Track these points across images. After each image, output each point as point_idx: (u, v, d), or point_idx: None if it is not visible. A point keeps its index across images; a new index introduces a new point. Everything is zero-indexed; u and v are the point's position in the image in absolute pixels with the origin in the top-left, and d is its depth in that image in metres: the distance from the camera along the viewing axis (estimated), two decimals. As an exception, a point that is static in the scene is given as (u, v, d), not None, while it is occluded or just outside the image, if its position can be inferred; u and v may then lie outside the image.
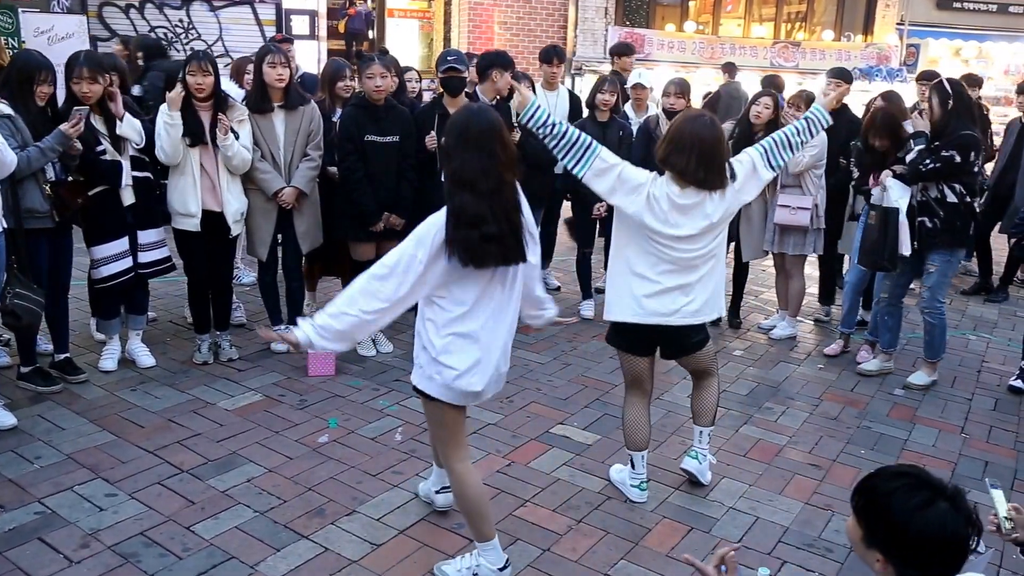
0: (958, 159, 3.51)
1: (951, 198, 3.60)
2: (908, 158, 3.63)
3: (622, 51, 6.08)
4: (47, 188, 3.15)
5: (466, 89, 4.02)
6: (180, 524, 2.47)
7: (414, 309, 2.17)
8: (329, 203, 3.89)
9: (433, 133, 3.76)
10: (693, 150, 2.37)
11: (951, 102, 3.55)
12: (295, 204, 3.70)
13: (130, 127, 3.38)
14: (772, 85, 5.91)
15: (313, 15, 8.58)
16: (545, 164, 4.34)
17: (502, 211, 2.01)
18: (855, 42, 10.93)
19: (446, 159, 2.06)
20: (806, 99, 4.22)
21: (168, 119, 3.34)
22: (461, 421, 2.25)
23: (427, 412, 2.27)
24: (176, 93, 3.33)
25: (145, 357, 3.68)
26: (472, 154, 2.00)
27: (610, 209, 4.41)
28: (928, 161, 3.55)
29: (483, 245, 1.98)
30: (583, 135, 2.47)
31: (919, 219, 3.66)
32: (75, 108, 3.11)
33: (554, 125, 2.46)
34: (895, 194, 3.67)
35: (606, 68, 9.34)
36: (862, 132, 3.96)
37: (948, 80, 3.67)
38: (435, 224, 2.01)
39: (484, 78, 4.16)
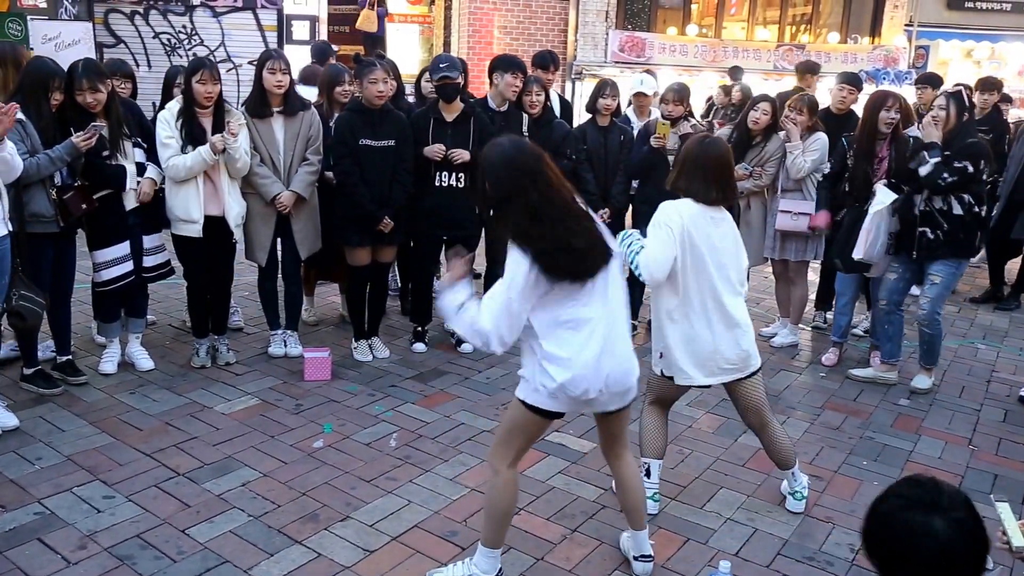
0: (971, 170, 3.48)
1: (957, 210, 3.55)
2: (923, 171, 3.50)
3: (809, 69, 5.87)
4: (53, 193, 3.18)
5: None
6: (175, 527, 2.48)
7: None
8: (328, 208, 3.89)
9: (442, 146, 3.74)
10: (698, 171, 2.47)
11: (966, 114, 3.55)
12: (293, 209, 3.71)
13: (159, 177, 3.53)
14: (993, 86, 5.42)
15: (314, 21, 8.64)
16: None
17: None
18: (862, 44, 10.83)
19: (518, 197, 1.96)
20: (808, 103, 4.18)
21: (209, 159, 3.40)
22: (541, 433, 2.26)
23: (517, 416, 2.16)
24: (219, 138, 3.38)
25: (144, 360, 3.69)
26: (552, 189, 1.99)
27: (613, 216, 4.46)
28: (946, 174, 3.48)
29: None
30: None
31: (920, 229, 3.59)
32: (92, 124, 3.16)
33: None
34: (878, 198, 3.64)
35: (606, 72, 9.36)
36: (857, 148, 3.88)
37: (965, 88, 3.66)
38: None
39: (491, 84, 4.16)
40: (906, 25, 11.00)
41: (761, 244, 4.34)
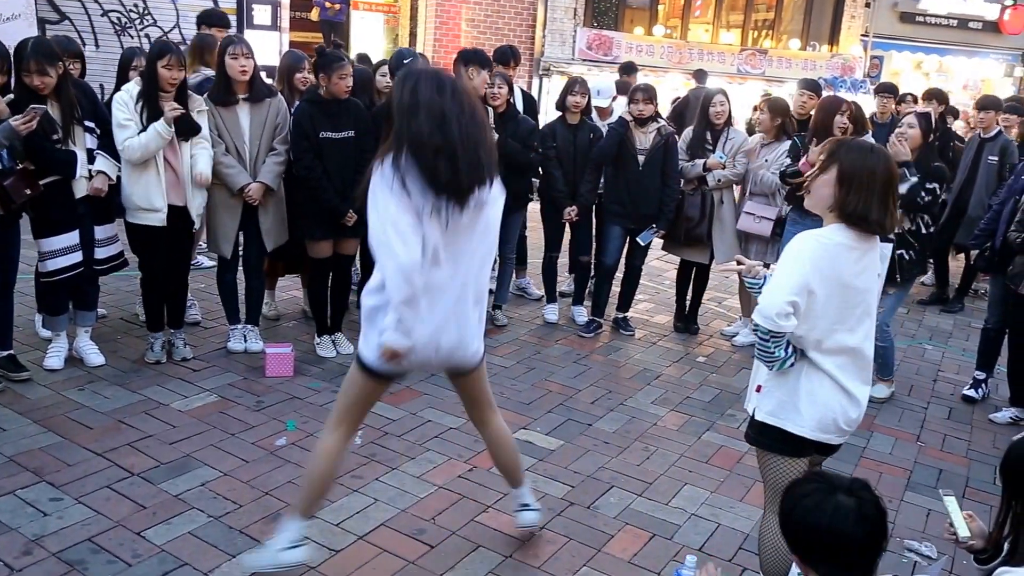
0: (939, 192, 3.60)
1: (923, 229, 3.68)
2: (903, 187, 3.46)
3: (894, 94, 5.64)
4: None
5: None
6: (130, 530, 2.39)
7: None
8: (290, 199, 3.79)
9: None
10: (872, 190, 1.87)
11: (931, 136, 3.66)
12: (261, 200, 3.61)
13: (113, 171, 3.36)
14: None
15: (276, 5, 8.38)
16: (523, 166, 4.30)
17: None
18: (821, 52, 11.17)
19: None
20: (769, 103, 4.31)
21: (165, 132, 3.25)
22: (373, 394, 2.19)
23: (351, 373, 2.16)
24: (172, 110, 3.24)
25: (94, 355, 3.53)
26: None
27: (581, 214, 4.49)
28: (923, 193, 3.54)
29: None
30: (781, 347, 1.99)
31: (897, 252, 3.61)
32: (32, 106, 2.98)
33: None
34: None
35: (574, 69, 9.39)
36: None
37: (932, 112, 3.80)
38: None
39: (458, 76, 4.11)
40: (862, 35, 11.39)
41: (733, 241, 4.42)
